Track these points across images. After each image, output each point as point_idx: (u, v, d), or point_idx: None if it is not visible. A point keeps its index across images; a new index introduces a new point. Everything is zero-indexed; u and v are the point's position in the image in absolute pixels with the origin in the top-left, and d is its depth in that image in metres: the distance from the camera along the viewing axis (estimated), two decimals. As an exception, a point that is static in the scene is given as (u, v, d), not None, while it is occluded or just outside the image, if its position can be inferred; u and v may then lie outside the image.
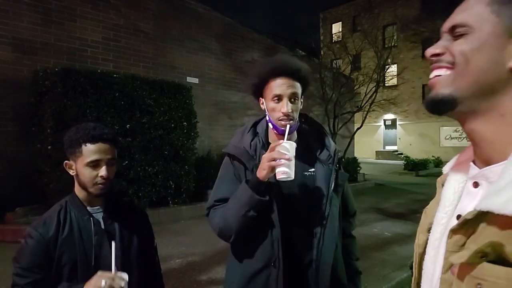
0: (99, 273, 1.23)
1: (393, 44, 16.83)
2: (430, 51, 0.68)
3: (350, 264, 1.60)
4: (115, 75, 6.46)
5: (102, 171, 1.34)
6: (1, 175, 5.99)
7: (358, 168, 12.36)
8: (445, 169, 0.81)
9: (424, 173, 16.91)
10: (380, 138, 28.34)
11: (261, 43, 11.24)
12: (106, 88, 6.14)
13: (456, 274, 0.61)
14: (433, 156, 20.14)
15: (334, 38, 27.30)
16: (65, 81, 5.78)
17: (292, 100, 1.40)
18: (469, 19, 0.65)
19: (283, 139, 1.34)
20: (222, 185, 1.51)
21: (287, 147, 1.27)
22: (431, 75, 0.68)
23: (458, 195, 0.72)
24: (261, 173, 1.31)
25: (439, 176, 0.84)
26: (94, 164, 1.34)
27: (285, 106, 1.38)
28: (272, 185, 1.37)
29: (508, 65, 0.61)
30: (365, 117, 12.96)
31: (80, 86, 5.87)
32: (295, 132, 1.52)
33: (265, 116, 1.53)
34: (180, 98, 7.31)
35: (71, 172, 1.41)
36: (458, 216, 0.67)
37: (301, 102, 1.47)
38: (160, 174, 6.84)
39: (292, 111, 1.39)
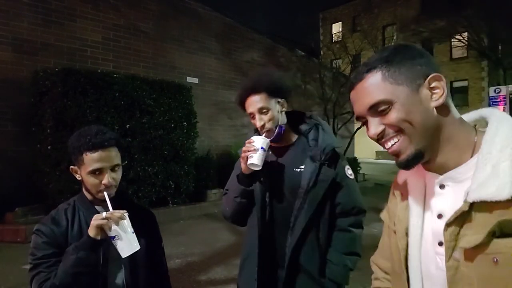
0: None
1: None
2: (373, 133, 0.80)
3: (335, 255, 1.64)
4: (115, 75, 6.46)
5: (105, 179, 1.33)
6: (1, 175, 5.99)
7: (358, 168, 12.35)
8: (399, 179, 0.96)
9: (424, 173, 16.83)
10: (380, 138, 28.28)
11: (261, 43, 11.24)
12: (106, 88, 6.14)
13: (462, 258, 0.72)
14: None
15: (334, 38, 27.26)
16: (65, 81, 5.78)
17: (263, 112, 1.59)
18: (383, 96, 0.78)
19: (274, 145, 1.65)
20: (231, 177, 1.75)
21: (255, 140, 1.54)
22: (387, 146, 0.80)
23: (422, 199, 0.87)
24: (242, 165, 1.58)
25: None
26: (97, 172, 1.33)
27: (257, 121, 1.59)
28: (261, 179, 1.61)
29: (431, 106, 0.77)
30: (365, 117, 12.93)
31: (80, 86, 5.88)
32: (290, 131, 1.70)
33: None
34: (180, 98, 7.31)
35: (77, 177, 1.41)
36: (439, 215, 0.81)
37: (281, 106, 1.63)
38: (160, 174, 6.84)
39: (266, 122, 1.58)
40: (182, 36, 9.12)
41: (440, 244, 0.79)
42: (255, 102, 1.59)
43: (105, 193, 1.33)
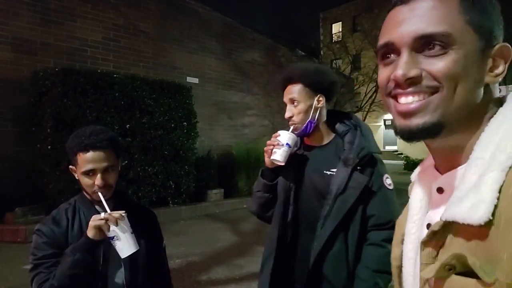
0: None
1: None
2: (402, 73, 0.56)
3: (364, 271, 1.48)
4: (115, 75, 6.46)
5: (97, 180, 1.33)
6: (1, 175, 5.98)
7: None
8: (413, 176, 0.75)
9: (424, 173, 16.85)
10: (380, 138, 28.33)
11: (261, 43, 11.24)
12: (106, 88, 6.14)
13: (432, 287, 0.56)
14: (433, 156, 20.17)
15: (334, 38, 27.26)
16: (65, 81, 5.78)
17: (294, 103, 1.53)
18: (451, 30, 0.55)
19: (304, 139, 1.62)
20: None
21: (280, 135, 1.50)
22: (404, 101, 0.58)
23: (425, 202, 0.68)
24: (265, 159, 1.55)
25: None
26: (90, 173, 1.34)
27: (287, 111, 1.55)
28: (288, 177, 1.57)
29: (484, 80, 0.57)
30: (365, 117, 12.94)
31: (80, 86, 5.87)
32: (326, 130, 1.62)
33: None
34: (180, 98, 7.31)
35: (76, 177, 1.41)
36: (428, 225, 0.63)
37: (316, 101, 1.55)
38: (160, 174, 6.84)
39: (294, 115, 1.53)
40: (182, 36, 9.11)
41: None
42: (288, 92, 1.55)
43: (99, 194, 1.33)
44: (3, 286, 3.78)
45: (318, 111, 1.54)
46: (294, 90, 1.53)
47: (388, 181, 1.55)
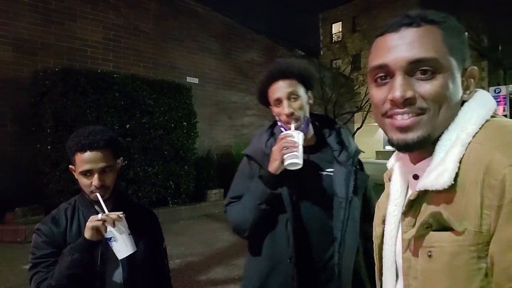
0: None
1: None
2: (400, 95, 0.64)
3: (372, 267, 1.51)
4: (115, 75, 6.46)
5: (94, 181, 1.33)
6: (0, 175, 5.99)
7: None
8: (389, 164, 0.88)
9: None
10: (380, 138, 28.33)
11: (261, 43, 11.24)
12: (106, 88, 6.14)
13: (412, 252, 0.68)
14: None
15: (334, 38, 27.29)
16: (65, 81, 5.78)
17: (292, 99, 1.42)
18: (438, 56, 0.64)
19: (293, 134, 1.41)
20: (238, 183, 1.58)
21: (294, 135, 1.34)
22: (400, 118, 0.66)
23: (405, 187, 0.80)
24: (273, 164, 1.36)
25: None
26: (87, 174, 1.34)
27: (285, 107, 1.40)
28: (287, 181, 1.40)
29: (461, 98, 0.68)
30: (365, 117, 12.95)
31: (80, 86, 5.88)
32: (312, 131, 1.53)
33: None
34: (180, 98, 7.31)
35: (75, 175, 1.42)
36: None
37: (308, 97, 1.48)
38: (160, 174, 6.84)
39: (295, 110, 1.40)
40: (182, 36, 9.12)
41: None
42: (283, 87, 1.42)
43: (97, 194, 1.33)
44: (3, 286, 3.78)
45: (308, 109, 1.49)
46: (292, 84, 1.43)
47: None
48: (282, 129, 1.47)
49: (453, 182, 0.61)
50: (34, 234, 1.37)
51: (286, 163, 1.33)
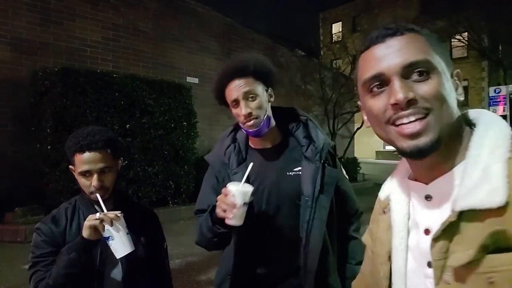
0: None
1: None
2: (402, 96, 0.62)
3: (348, 268, 1.46)
4: (114, 75, 6.46)
5: (93, 181, 1.33)
6: (0, 175, 5.99)
7: (358, 168, 12.35)
8: (382, 195, 0.83)
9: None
10: (380, 138, 28.31)
11: (261, 43, 11.24)
12: (105, 88, 6.14)
13: (453, 279, 0.61)
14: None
15: (334, 38, 27.27)
16: (64, 81, 5.77)
17: (250, 98, 1.33)
18: (429, 57, 0.65)
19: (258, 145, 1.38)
20: (203, 195, 1.50)
21: (235, 194, 1.21)
22: (407, 120, 0.64)
23: (406, 217, 0.74)
24: (217, 213, 1.27)
25: None
26: (86, 174, 1.34)
27: (243, 108, 1.32)
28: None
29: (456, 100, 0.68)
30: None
31: (80, 86, 5.87)
32: (276, 130, 1.44)
33: None
34: (180, 98, 7.31)
35: (75, 175, 1.42)
36: (427, 230, 0.68)
37: (268, 95, 1.40)
38: (160, 174, 6.84)
39: (253, 110, 1.32)
40: (182, 36, 9.11)
41: (429, 265, 0.66)
42: (239, 86, 1.32)
43: (97, 194, 1.33)
44: (3, 286, 3.78)
45: (269, 107, 1.40)
46: (248, 83, 1.33)
47: (343, 171, 1.53)
48: (243, 130, 1.41)
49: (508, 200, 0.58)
50: (34, 233, 1.37)
51: (226, 222, 1.23)
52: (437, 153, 0.65)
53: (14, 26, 6.44)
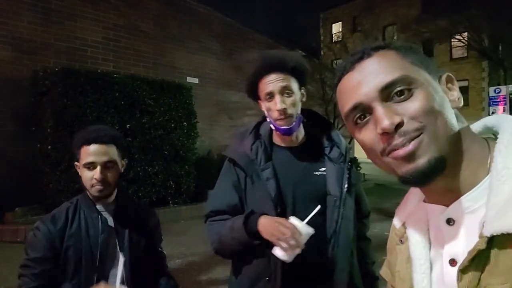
0: (103, 285, 1.24)
1: (393, 44, 16.72)
2: (388, 123, 0.56)
3: (366, 269, 1.48)
4: (115, 75, 6.47)
5: (96, 174, 1.35)
6: (0, 175, 5.99)
7: (358, 168, 12.35)
8: (396, 223, 0.74)
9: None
10: (380, 138, 28.30)
11: (261, 43, 11.23)
12: (106, 88, 6.14)
13: None
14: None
15: (334, 38, 27.27)
16: (65, 81, 5.78)
17: (286, 94, 1.32)
18: (405, 72, 0.59)
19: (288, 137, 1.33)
20: (220, 194, 1.44)
21: (302, 234, 1.17)
22: (401, 143, 0.56)
23: (428, 247, 0.66)
24: (265, 233, 1.23)
25: None
26: (90, 166, 1.36)
27: (278, 103, 1.30)
28: (275, 190, 1.31)
29: (452, 109, 0.60)
30: (365, 117, 12.95)
31: (80, 86, 5.87)
32: (302, 129, 1.44)
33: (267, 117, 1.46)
34: (180, 98, 7.32)
35: (79, 172, 1.43)
36: (452, 261, 0.59)
37: (301, 94, 1.39)
38: (160, 174, 6.84)
39: (288, 107, 1.30)
40: (183, 36, 9.11)
41: None
42: (276, 80, 1.30)
43: (120, 259, 1.29)
44: (3, 286, 3.78)
45: (300, 107, 1.39)
46: (286, 79, 1.32)
47: None
48: (272, 126, 1.38)
49: None
50: (32, 231, 1.37)
51: (277, 254, 1.18)
52: (447, 173, 0.57)
53: (15, 26, 6.45)
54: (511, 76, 15.86)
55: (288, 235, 1.15)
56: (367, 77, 0.60)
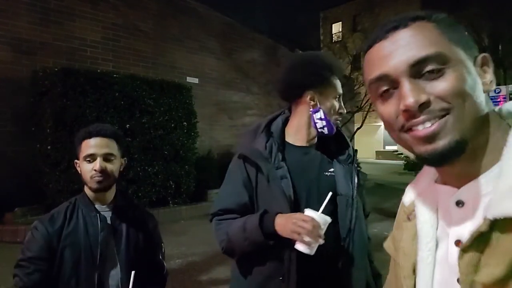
0: None
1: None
2: (412, 100, 0.54)
3: (371, 267, 1.50)
4: (114, 75, 6.46)
5: (96, 165, 1.35)
6: (0, 175, 5.98)
7: (359, 168, 12.34)
8: (406, 200, 0.74)
9: (424, 173, 16.84)
10: (380, 138, 28.33)
11: (261, 42, 11.23)
12: (106, 88, 6.14)
13: None
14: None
15: (334, 38, 27.26)
16: (64, 81, 5.77)
17: (340, 99, 1.43)
18: (441, 49, 0.56)
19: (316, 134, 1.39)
20: (229, 192, 1.42)
21: (322, 227, 1.18)
22: (423, 124, 0.56)
23: (435, 226, 0.66)
24: (283, 231, 1.21)
25: None
26: (90, 159, 1.37)
27: (341, 107, 1.41)
28: (287, 186, 1.31)
29: (482, 89, 0.59)
30: (365, 117, 12.94)
31: (80, 86, 5.87)
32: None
33: (278, 115, 1.48)
34: (180, 98, 7.31)
35: (79, 170, 1.44)
36: (457, 241, 0.60)
37: None
38: (160, 174, 6.84)
39: (343, 111, 1.43)
40: (182, 35, 9.11)
41: (459, 281, 0.58)
42: (339, 86, 1.42)
43: (132, 273, 1.25)
44: (3, 286, 3.77)
45: None
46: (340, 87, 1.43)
47: None
48: (318, 121, 1.38)
49: None
50: (30, 232, 1.37)
51: (299, 247, 1.18)
52: (466, 156, 0.57)
53: (14, 26, 6.44)
54: (511, 76, 15.86)
55: (309, 228, 1.15)
56: (399, 49, 0.57)
